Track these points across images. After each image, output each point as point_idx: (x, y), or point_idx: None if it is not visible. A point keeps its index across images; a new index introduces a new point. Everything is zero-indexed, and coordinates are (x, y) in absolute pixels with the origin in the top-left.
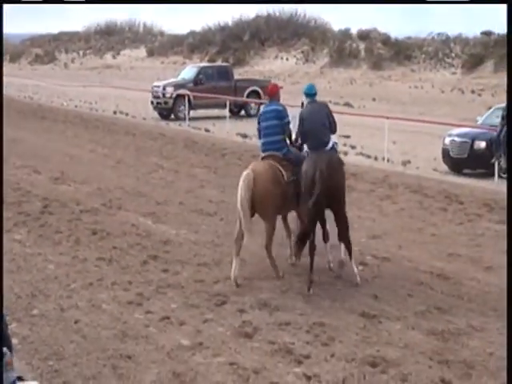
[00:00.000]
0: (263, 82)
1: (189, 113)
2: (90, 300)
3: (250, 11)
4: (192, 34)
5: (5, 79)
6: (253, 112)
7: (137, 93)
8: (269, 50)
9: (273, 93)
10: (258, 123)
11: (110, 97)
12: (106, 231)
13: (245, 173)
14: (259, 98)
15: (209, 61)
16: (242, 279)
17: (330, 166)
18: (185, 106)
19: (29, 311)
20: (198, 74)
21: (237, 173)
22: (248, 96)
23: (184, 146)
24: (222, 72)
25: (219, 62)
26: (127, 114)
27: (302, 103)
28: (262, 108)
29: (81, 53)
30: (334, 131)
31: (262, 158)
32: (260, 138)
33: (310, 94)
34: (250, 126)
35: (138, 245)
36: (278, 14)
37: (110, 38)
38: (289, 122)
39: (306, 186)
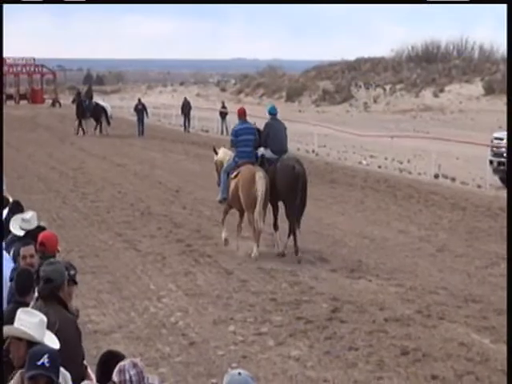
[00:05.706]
0: None
1: None
2: None
3: None
4: None
5: None
6: None
7: (468, 147)
8: None
9: (243, 114)
10: (236, 136)
11: (428, 153)
12: (421, 351)
13: (259, 174)
14: None
15: None
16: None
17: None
18: None
19: None
20: None
21: None
22: None
23: None
24: None
25: None
26: (454, 179)
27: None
28: (236, 126)
29: (387, 88)
30: None
31: (241, 164)
32: (236, 147)
33: (273, 113)
34: None
35: (469, 374)
36: None
37: (430, 68)
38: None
39: (288, 184)
